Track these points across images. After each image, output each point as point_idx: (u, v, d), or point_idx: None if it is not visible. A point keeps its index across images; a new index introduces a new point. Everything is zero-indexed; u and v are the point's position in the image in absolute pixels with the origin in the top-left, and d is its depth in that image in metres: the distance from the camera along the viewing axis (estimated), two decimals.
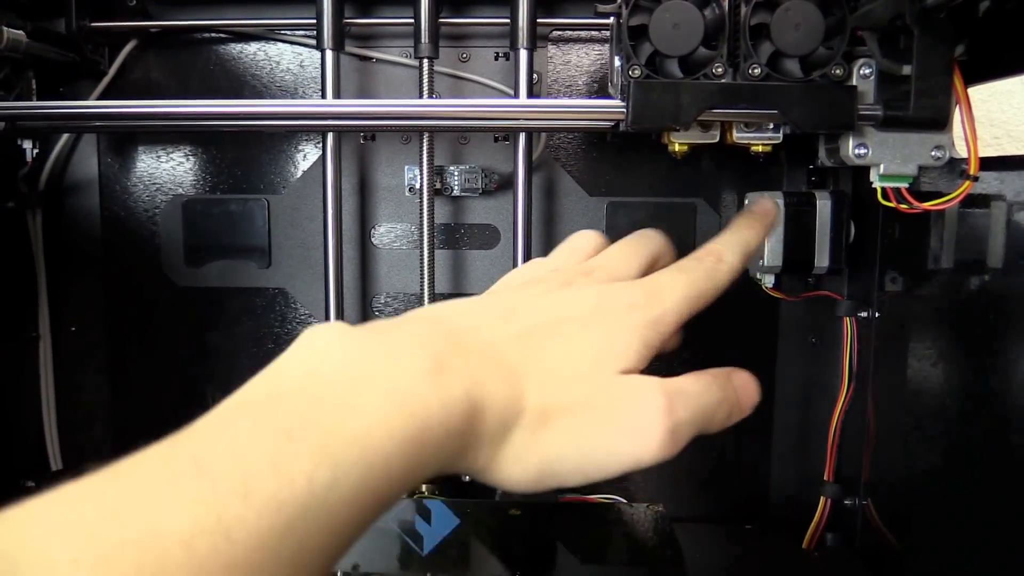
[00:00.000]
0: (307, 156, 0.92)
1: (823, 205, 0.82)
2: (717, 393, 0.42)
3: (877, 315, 0.83)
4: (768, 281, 0.86)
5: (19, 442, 0.91)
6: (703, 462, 0.95)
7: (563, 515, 0.75)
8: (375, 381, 0.33)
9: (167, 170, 0.93)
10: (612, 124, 0.66)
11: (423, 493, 0.83)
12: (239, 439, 0.30)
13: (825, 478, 0.89)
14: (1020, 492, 0.60)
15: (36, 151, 0.86)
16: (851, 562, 0.86)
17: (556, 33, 0.89)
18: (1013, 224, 0.62)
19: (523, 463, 0.36)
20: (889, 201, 0.67)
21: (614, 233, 0.91)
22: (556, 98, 0.89)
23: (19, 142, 0.85)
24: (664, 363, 0.92)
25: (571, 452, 0.37)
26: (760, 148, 0.68)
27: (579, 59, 0.90)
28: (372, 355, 0.35)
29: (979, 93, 0.65)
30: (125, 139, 0.93)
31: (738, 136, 0.67)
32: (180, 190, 0.93)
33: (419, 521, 0.75)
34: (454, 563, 0.65)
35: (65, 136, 0.91)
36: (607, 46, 0.88)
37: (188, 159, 0.93)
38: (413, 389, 0.33)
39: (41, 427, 0.93)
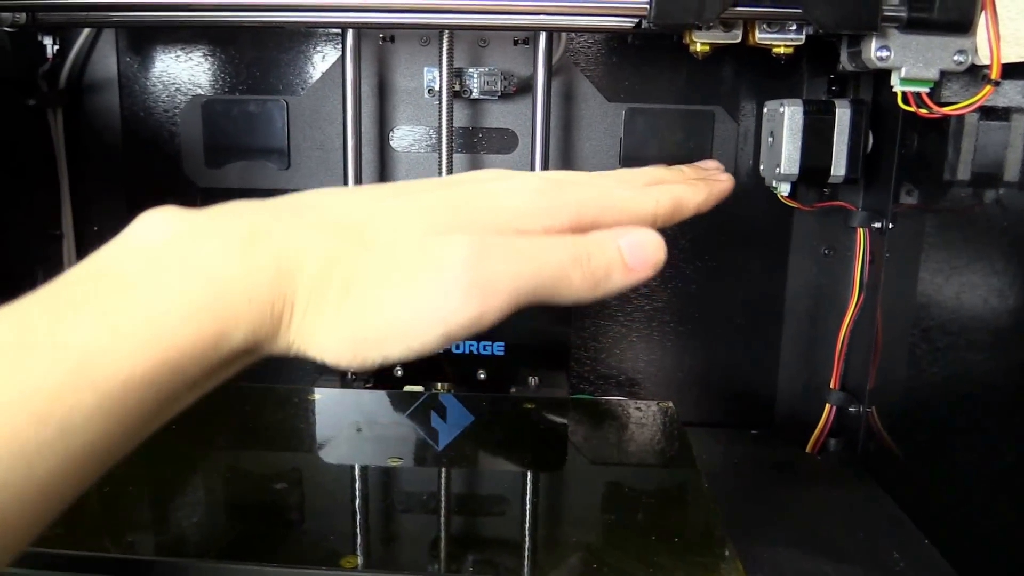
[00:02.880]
0: (326, 57, 0.92)
1: (842, 113, 0.82)
2: (570, 250, 0.36)
3: (891, 226, 0.84)
4: (784, 190, 0.86)
5: None
6: (711, 368, 0.97)
7: (575, 411, 0.77)
8: (179, 254, 0.33)
9: (186, 69, 0.94)
10: (635, 21, 0.66)
11: (438, 390, 0.85)
12: (30, 313, 0.30)
13: (831, 386, 0.91)
14: (1020, 408, 0.61)
15: (56, 47, 0.86)
16: (852, 467, 0.89)
17: None
18: None
19: (336, 333, 0.34)
20: (909, 106, 0.67)
21: (631, 139, 0.92)
22: None
23: (39, 37, 0.85)
24: (680, 278, 0.94)
25: (377, 319, 0.34)
26: (782, 50, 0.67)
27: None
28: (191, 232, 0.34)
29: (1008, 11, 0.64)
30: (144, 37, 0.93)
31: (760, 37, 0.66)
32: (199, 90, 0.94)
33: (434, 417, 0.77)
34: (467, 458, 0.67)
35: (85, 33, 0.91)
36: None
37: (207, 59, 0.93)
38: (213, 258, 0.33)
39: None
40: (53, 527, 0.53)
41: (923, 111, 0.67)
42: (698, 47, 0.68)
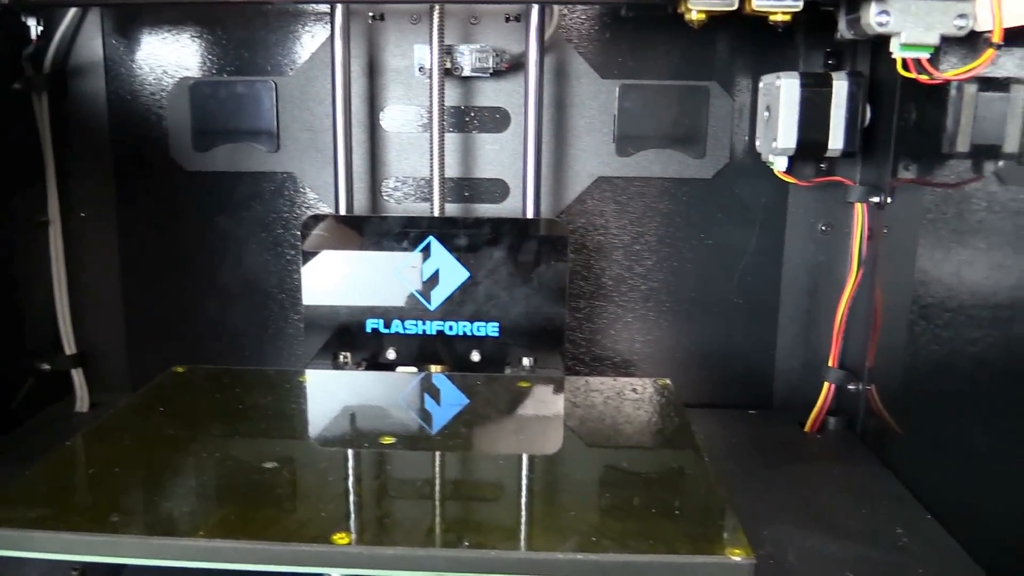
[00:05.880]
0: (315, 37, 0.91)
1: (839, 86, 0.81)
2: None
3: (889, 200, 0.83)
4: (780, 165, 0.85)
5: (32, 326, 0.92)
6: (709, 348, 0.96)
7: (571, 390, 0.76)
8: None
9: (173, 51, 0.92)
10: None
11: (431, 370, 0.84)
12: None
13: (829, 364, 0.90)
14: (1021, 382, 0.60)
15: (41, 29, 0.85)
16: (852, 444, 0.88)
17: None
18: None
19: None
20: (909, 72, 0.66)
21: (626, 116, 0.91)
22: None
23: (23, 18, 0.84)
24: (676, 257, 0.92)
25: None
26: (779, 17, 0.66)
27: None
28: None
29: None
30: (130, 18, 0.92)
31: (757, 3, 0.65)
32: (187, 72, 0.92)
33: (428, 399, 0.76)
34: (462, 439, 0.66)
35: (70, 14, 0.89)
36: None
37: (194, 40, 0.92)
38: None
39: (54, 311, 0.94)
40: (40, 508, 0.52)
41: (923, 77, 0.66)
42: (694, 15, 0.66)
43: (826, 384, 0.90)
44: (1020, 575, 0.60)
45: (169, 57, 0.92)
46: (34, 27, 0.85)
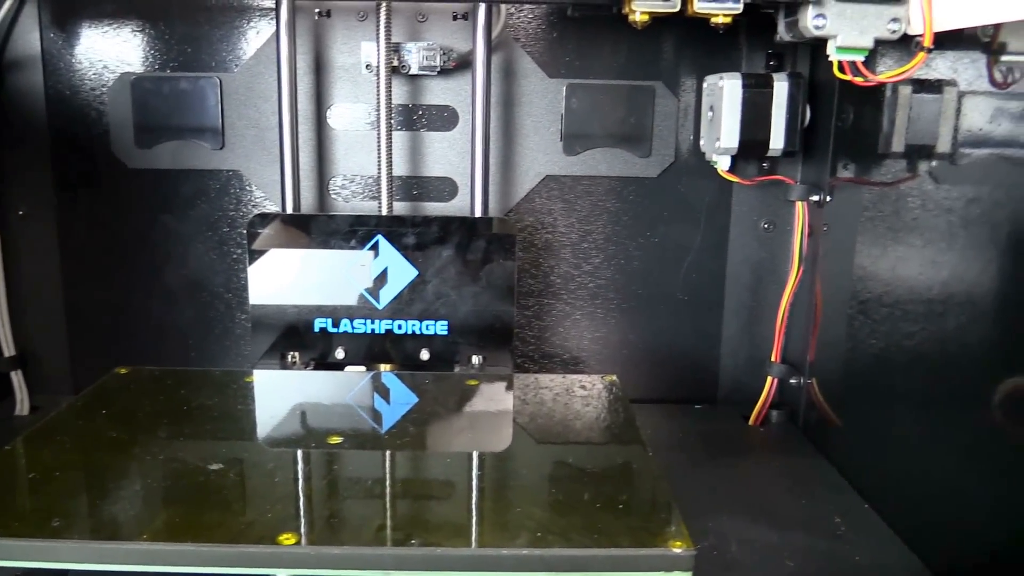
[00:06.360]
0: (260, 32, 0.90)
1: (780, 87, 0.83)
2: None
3: (828, 199, 0.85)
4: (723, 164, 0.87)
5: None
6: (655, 345, 0.97)
7: (519, 387, 0.76)
8: None
9: (114, 46, 0.90)
10: None
11: (381, 369, 0.84)
12: None
13: (772, 358, 0.92)
14: (955, 374, 0.63)
15: None
16: (794, 437, 0.90)
17: None
18: (962, 110, 0.63)
19: None
20: (845, 74, 0.68)
21: (572, 115, 0.92)
22: None
23: None
24: (623, 255, 0.94)
25: None
26: (720, 19, 0.67)
27: None
28: None
29: None
30: (68, 12, 0.90)
31: (699, 6, 0.66)
32: (128, 67, 0.90)
33: (377, 398, 0.76)
34: (412, 438, 0.66)
35: (5, 7, 0.87)
36: None
37: (135, 35, 0.90)
38: None
39: None
40: None
41: (858, 79, 0.68)
42: (637, 16, 0.67)
43: (769, 378, 0.92)
44: (952, 561, 0.62)
45: (110, 51, 0.90)
46: None
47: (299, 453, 0.63)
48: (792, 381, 0.92)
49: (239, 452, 0.63)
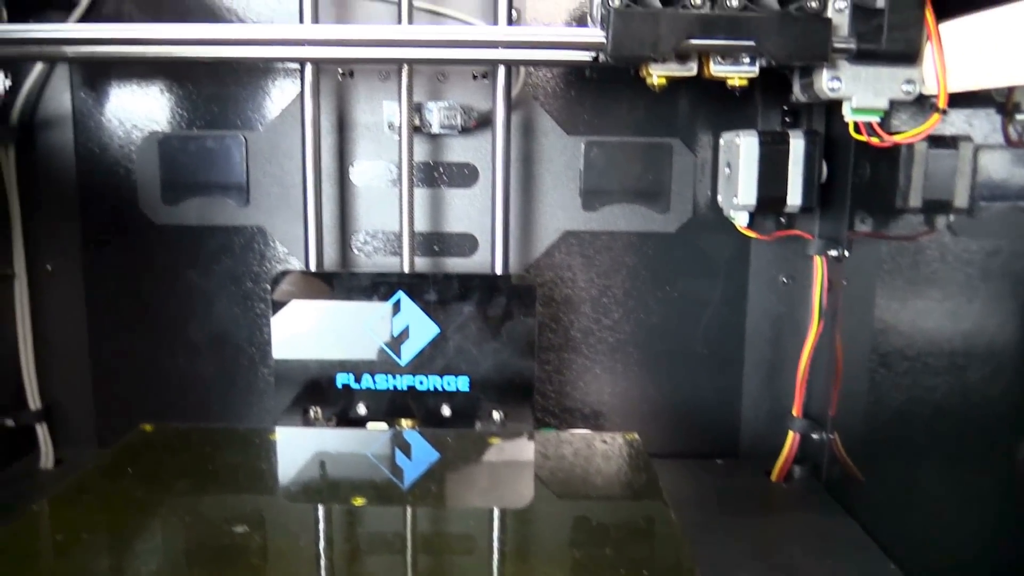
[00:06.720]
0: (285, 92, 0.92)
1: (796, 144, 0.84)
2: None
3: (847, 254, 0.86)
4: (741, 220, 0.87)
5: None
6: (676, 399, 0.97)
7: (540, 445, 0.76)
8: None
9: (142, 105, 0.93)
10: (592, 54, 0.67)
11: (402, 427, 0.84)
12: None
13: (794, 413, 0.92)
14: (978, 428, 0.62)
15: (8, 83, 0.85)
16: (817, 493, 0.89)
17: None
18: (979, 165, 0.63)
19: None
20: (861, 135, 0.69)
21: (591, 172, 0.93)
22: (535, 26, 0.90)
23: None
24: (643, 309, 0.94)
25: None
26: (737, 82, 0.69)
27: None
28: None
29: (953, 43, 0.66)
30: (99, 72, 0.92)
31: (715, 69, 0.68)
32: (156, 126, 0.93)
33: (399, 454, 0.76)
34: (434, 496, 0.66)
35: (38, 69, 0.90)
36: None
37: (164, 94, 0.92)
38: None
39: (18, 366, 0.93)
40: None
41: (874, 140, 0.68)
42: (655, 80, 0.69)
43: (791, 433, 0.92)
44: None
45: (139, 111, 0.93)
46: (1, 81, 0.85)
47: (323, 513, 0.63)
48: (814, 436, 0.91)
49: (264, 513, 0.64)
